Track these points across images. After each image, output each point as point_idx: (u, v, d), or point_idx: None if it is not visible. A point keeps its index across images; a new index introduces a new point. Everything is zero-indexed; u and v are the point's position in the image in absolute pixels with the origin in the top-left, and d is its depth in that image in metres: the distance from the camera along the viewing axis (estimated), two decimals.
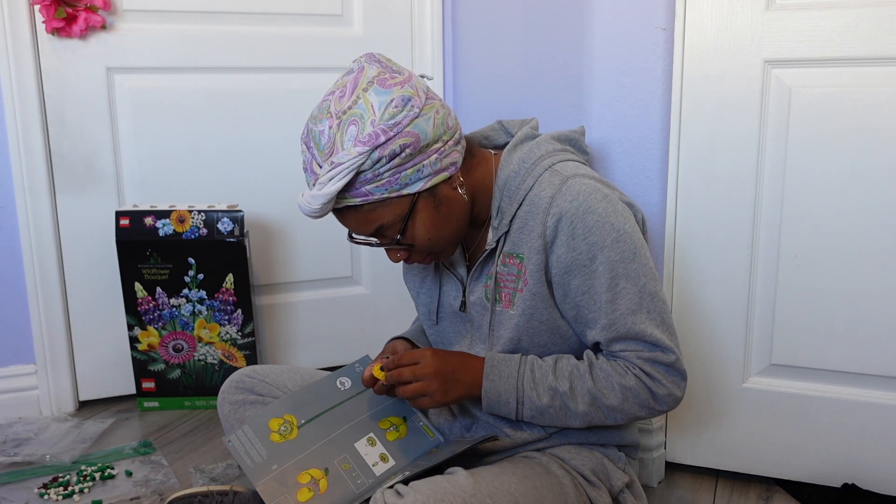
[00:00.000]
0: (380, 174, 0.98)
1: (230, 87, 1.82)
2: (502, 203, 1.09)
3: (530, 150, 1.10)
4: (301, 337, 2.00)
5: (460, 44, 1.77)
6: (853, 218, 1.31)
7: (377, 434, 1.17)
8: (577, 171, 1.07)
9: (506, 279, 1.09)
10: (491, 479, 1.03)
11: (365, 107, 0.97)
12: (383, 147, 0.96)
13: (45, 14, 1.62)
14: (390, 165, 0.98)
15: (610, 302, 1.04)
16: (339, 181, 0.97)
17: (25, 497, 1.43)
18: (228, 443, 1.13)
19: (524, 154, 1.09)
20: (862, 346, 1.35)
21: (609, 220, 1.03)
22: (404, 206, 1.02)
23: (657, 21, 1.36)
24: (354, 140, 0.97)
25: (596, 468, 1.12)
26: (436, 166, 1.02)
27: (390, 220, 1.03)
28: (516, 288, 1.08)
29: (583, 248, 1.03)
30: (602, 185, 1.07)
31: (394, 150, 0.97)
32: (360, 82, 0.99)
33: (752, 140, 1.34)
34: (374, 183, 0.99)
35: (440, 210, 1.04)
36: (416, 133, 0.98)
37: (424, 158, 1.00)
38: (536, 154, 1.09)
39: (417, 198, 1.02)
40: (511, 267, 1.09)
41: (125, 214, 1.71)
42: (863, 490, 1.38)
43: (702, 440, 1.48)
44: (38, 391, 1.79)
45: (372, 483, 1.11)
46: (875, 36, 1.24)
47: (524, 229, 1.07)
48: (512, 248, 1.09)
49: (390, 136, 0.97)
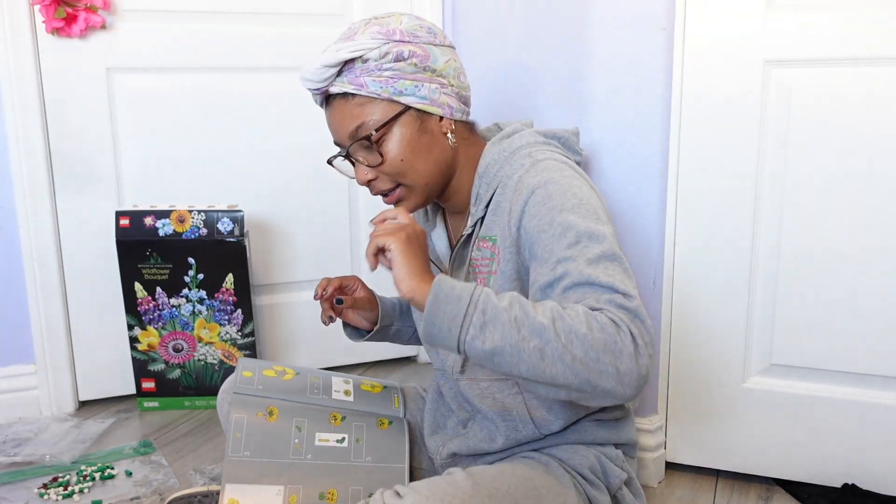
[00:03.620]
0: (381, 69, 1.03)
1: (230, 87, 1.82)
2: (480, 190, 1.11)
3: (512, 142, 1.12)
4: (301, 337, 2.00)
5: (460, 44, 1.77)
6: (853, 218, 1.31)
7: (355, 380, 1.30)
8: (551, 156, 1.08)
9: (480, 264, 1.10)
10: (490, 480, 1.03)
11: (395, 21, 1.05)
12: (395, 44, 1.03)
13: (45, 14, 1.62)
14: (393, 66, 1.03)
15: (569, 259, 0.94)
16: (345, 53, 1.01)
17: (25, 497, 1.43)
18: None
19: (506, 144, 1.11)
20: (862, 346, 1.35)
21: (571, 189, 1.01)
22: (390, 111, 1.05)
23: (657, 21, 1.36)
24: (375, 30, 1.04)
25: (594, 467, 1.12)
26: (433, 95, 1.06)
27: (372, 121, 1.05)
28: (490, 271, 1.08)
29: (543, 213, 1.00)
30: (571, 170, 1.06)
31: (402, 52, 1.03)
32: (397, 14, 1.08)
33: (752, 140, 1.34)
34: (374, 75, 1.03)
35: (421, 137, 1.07)
36: (428, 51, 1.04)
37: (426, 81, 1.05)
38: (517, 144, 1.11)
39: (405, 111, 1.05)
40: (485, 251, 1.09)
41: (125, 214, 1.71)
42: (863, 490, 1.38)
43: (702, 440, 1.48)
44: (38, 391, 1.79)
45: (323, 399, 1.23)
46: (875, 36, 1.24)
47: (497, 211, 1.08)
48: (486, 231, 1.09)
49: (405, 39, 1.03)
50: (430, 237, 1.23)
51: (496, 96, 1.69)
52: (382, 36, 1.02)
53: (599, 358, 0.84)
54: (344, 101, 1.06)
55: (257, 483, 1.11)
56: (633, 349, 0.85)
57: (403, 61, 1.03)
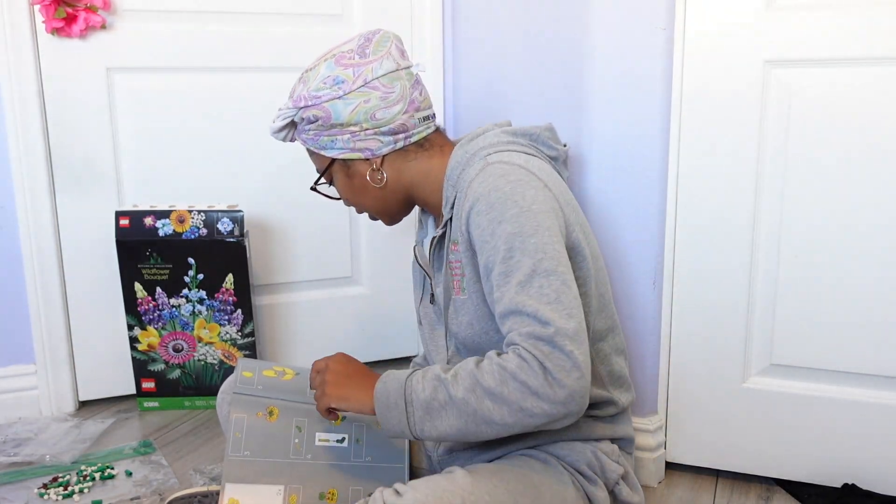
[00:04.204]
0: (306, 130, 1.18)
1: (230, 87, 1.82)
2: (447, 192, 1.15)
3: (476, 143, 1.15)
4: (301, 337, 2.00)
5: (460, 44, 1.77)
6: (853, 218, 1.31)
7: None
8: (504, 158, 1.08)
9: (454, 266, 1.13)
10: (489, 478, 1.03)
11: (315, 74, 1.15)
12: (303, 110, 1.15)
13: (45, 14, 1.62)
14: (311, 127, 1.17)
15: (504, 275, 0.99)
16: (278, 122, 1.19)
17: (25, 497, 1.43)
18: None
19: (470, 146, 1.15)
20: (862, 346, 1.35)
21: (513, 197, 1.02)
22: (323, 163, 1.20)
23: (657, 21, 1.36)
24: (294, 97, 1.17)
25: (591, 463, 1.13)
26: (349, 145, 1.16)
27: (318, 169, 1.23)
28: (463, 273, 1.11)
29: (484, 223, 1.03)
30: (524, 172, 1.05)
31: (309, 116, 1.15)
32: (331, 51, 1.16)
33: (752, 140, 1.34)
34: (304, 135, 1.19)
35: (353, 180, 1.20)
36: (329, 111, 1.13)
37: (338, 134, 1.15)
38: (479, 145, 1.13)
39: (332, 162, 1.19)
40: (457, 254, 1.12)
41: (125, 214, 1.71)
42: (863, 490, 1.38)
43: (702, 440, 1.48)
44: (38, 391, 1.79)
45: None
46: (875, 36, 1.24)
47: (459, 215, 1.10)
48: (454, 234, 1.12)
49: (308, 104, 1.14)
50: (422, 244, 1.27)
51: (496, 96, 1.69)
52: (293, 104, 1.17)
53: (521, 404, 0.94)
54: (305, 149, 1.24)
55: (257, 483, 1.11)
56: (543, 379, 0.93)
57: (314, 123, 1.16)
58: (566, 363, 0.92)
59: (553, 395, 0.92)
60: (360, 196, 1.22)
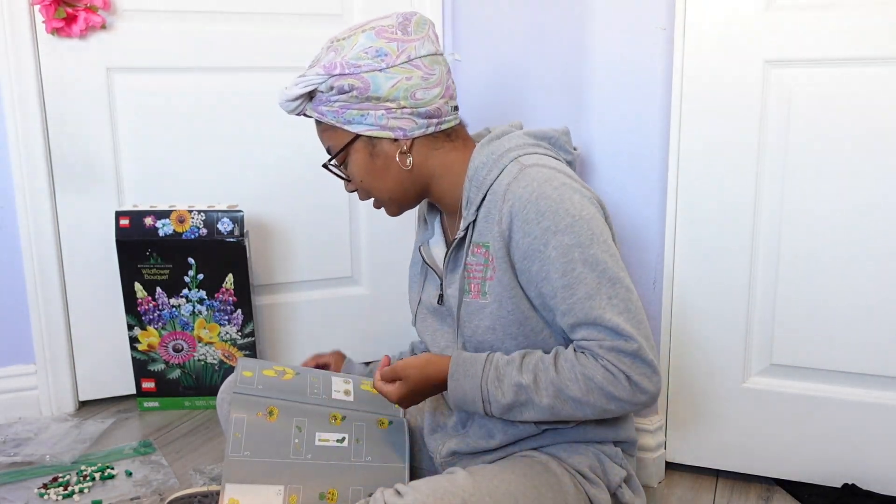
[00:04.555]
0: (331, 101, 1.10)
1: (230, 86, 1.82)
2: (470, 193, 1.12)
3: (500, 144, 1.12)
4: (301, 337, 2.00)
5: (460, 44, 1.77)
6: (853, 218, 1.31)
7: (355, 380, 1.29)
8: (539, 161, 1.08)
9: (474, 269, 1.11)
10: (490, 478, 1.03)
11: (351, 43, 1.09)
12: (336, 78, 1.07)
13: (45, 14, 1.62)
14: (339, 98, 1.09)
15: (567, 287, 1.03)
16: (297, 89, 1.10)
17: (25, 497, 1.43)
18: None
19: (494, 147, 1.12)
20: (862, 346, 1.35)
21: (563, 205, 1.03)
22: (344, 139, 1.13)
23: (657, 21, 1.36)
24: (323, 64, 1.09)
25: (593, 465, 1.12)
26: (381, 121, 1.10)
27: (333, 146, 1.15)
28: (485, 277, 1.10)
29: (536, 233, 1.03)
30: (562, 175, 1.07)
31: (343, 85, 1.07)
32: (369, 24, 1.10)
33: (752, 140, 1.34)
34: (327, 106, 1.11)
35: (375, 161, 1.13)
36: (368, 82, 1.07)
37: (371, 108, 1.09)
38: (505, 147, 1.11)
39: (356, 139, 1.12)
40: (479, 256, 1.10)
41: (125, 214, 1.71)
42: (863, 490, 1.38)
43: (702, 440, 1.48)
44: (38, 391, 1.79)
45: (323, 399, 1.22)
46: (875, 36, 1.24)
47: (488, 218, 1.08)
48: (479, 237, 1.10)
49: (345, 72, 1.07)
50: (428, 244, 1.25)
51: (496, 96, 1.69)
52: (325, 70, 1.08)
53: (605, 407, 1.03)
54: (317, 123, 1.16)
55: (257, 483, 1.11)
56: (629, 389, 1.01)
57: (346, 94, 1.08)
58: (649, 372, 1.02)
59: (636, 399, 1.02)
60: (378, 178, 1.15)
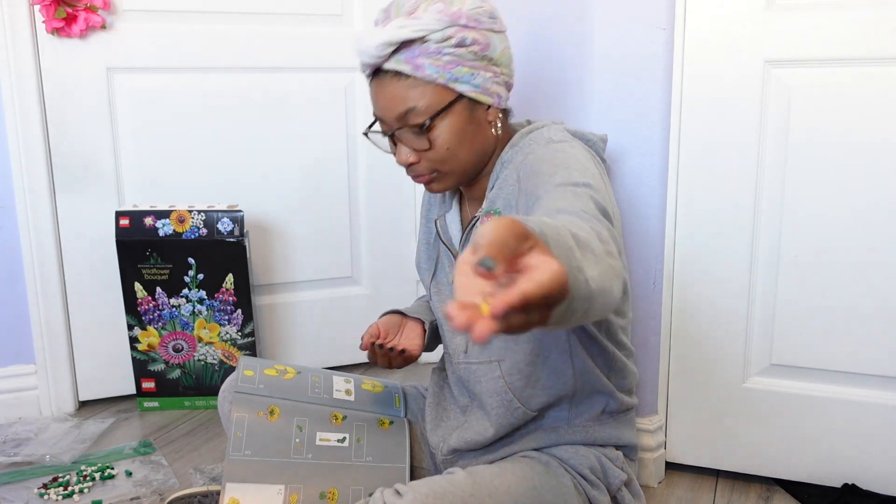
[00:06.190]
0: (441, 52, 0.99)
1: (230, 87, 1.82)
2: (500, 174, 1.09)
3: (539, 134, 1.10)
4: (301, 337, 2.00)
5: None
6: (853, 218, 1.31)
7: (356, 380, 1.29)
8: (569, 140, 1.07)
9: None
10: (490, 480, 1.03)
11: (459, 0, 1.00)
12: (459, 29, 0.98)
13: (45, 14, 1.62)
14: (454, 51, 0.99)
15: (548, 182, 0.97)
16: (407, 31, 0.97)
17: (25, 497, 1.43)
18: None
19: (533, 136, 1.10)
20: (862, 346, 1.35)
21: (566, 150, 1.02)
22: (444, 99, 1.01)
23: (657, 21, 1.36)
24: (439, 10, 0.98)
25: (594, 467, 1.12)
26: (487, 84, 1.03)
27: (424, 106, 1.01)
28: None
29: (535, 164, 1.01)
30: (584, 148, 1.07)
31: (464, 38, 0.99)
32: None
33: (752, 140, 1.34)
34: (432, 58, 0.99)
35: (469, 127, 1.05)
36: (488, 39, 1.01)
37: (482, 69, 1.01)
38: (545, 136, 1.09)
39: (458, 99, 1.02)
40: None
41: (125, 214, 1.71)
42: (863, 490, 1.38)
43: (702, 440, 1.48)
44: (38, 391, 1.79)
45: (324, 399, 1.22)
46: (875, 36, 1.24)
47: (503, 185, 1.07)
48: (490, 205, 1.08)
49: (470, 24, 0.99)
50: (445, 219, 1.21)
51: None
52: (448, 18, 0.98)
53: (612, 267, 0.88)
54: (395, 80, 1.01)
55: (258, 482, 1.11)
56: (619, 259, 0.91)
57: (464, 47, 0.99)
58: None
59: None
60: (466, 146, 1.06)
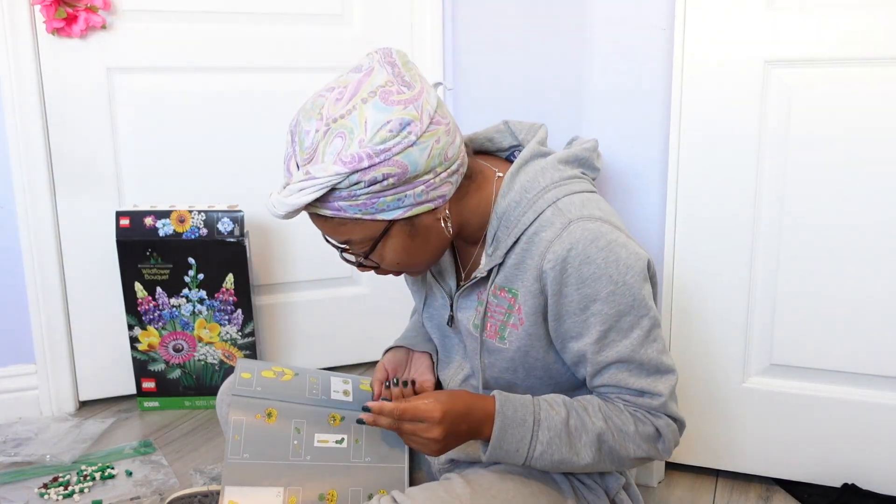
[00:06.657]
0: (355, 195, 0.91)
1: (230, 87, 1.82)
2: (499, 232, 1.02)
3: (534, 178, 1.02)
4: (301, 337, 2.00)
5: (460, 44, 1.77)
6: (853, 217, 1.31)
7: (354, 381, 1.26)
8: (583, 210, 0.99)
9: (495, 310, 1.05)
10: (488, 486, 1.03)
11: (358, 121, 0.89)
12: (364, 172, 0.89)
13: (46, 14, 1.62)
14: (368, 190, 0.90)
15: (597, 352, 1.00)
16: (308, 195, 0.90)
17: (25, 497, 1.43)
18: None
19: (527, 181, 1.02)
20: (862, 346, 1.34)
21: (608, 271, 0.96)
22: (377, 229, 0.96)
23: (657, 21, 1.36)
24: (336, 157, 0.89)
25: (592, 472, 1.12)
26: (420, 197, 0.94)
27: (359, 238, 0.97)
28: (507, 322, 1.04)
29: (576, 297, 0.98)
30: (608, 228, 0.98)
31: (375, 176, 0.89)
32: (363, 88, 0.90)
33: (752, 140, 1.34)
34: (349, 202, 0.92)
35: (415, 239, 0.98)
36: (404, 164, 0.90)
37: (409, 189, 0.92)
38: (541, 184, 1.01)
39: (392, 224, 0.96)
40: (502, 300, 1.03)
41: (125, 214, 1.71)
42: (863, 490, 1.38)
43: (702, 440, 1.48)
44: (38, 391, 1.79)
45: (322, 400, 1.20)
46: (875, 36, 1.24)
47: (520, 266, 1.01)
48: (505, 282, 1.02)
49: (375, 162, 0.88)
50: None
51: (496, 97, 1.69)
52: (347, 166, 0.88)
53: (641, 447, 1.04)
54: (323, 219, 0.97)
55: (257, 485, 1.11)
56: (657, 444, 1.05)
57: (377, 184, 0.90)
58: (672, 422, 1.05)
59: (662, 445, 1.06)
60: (418, 255, 1.00)
